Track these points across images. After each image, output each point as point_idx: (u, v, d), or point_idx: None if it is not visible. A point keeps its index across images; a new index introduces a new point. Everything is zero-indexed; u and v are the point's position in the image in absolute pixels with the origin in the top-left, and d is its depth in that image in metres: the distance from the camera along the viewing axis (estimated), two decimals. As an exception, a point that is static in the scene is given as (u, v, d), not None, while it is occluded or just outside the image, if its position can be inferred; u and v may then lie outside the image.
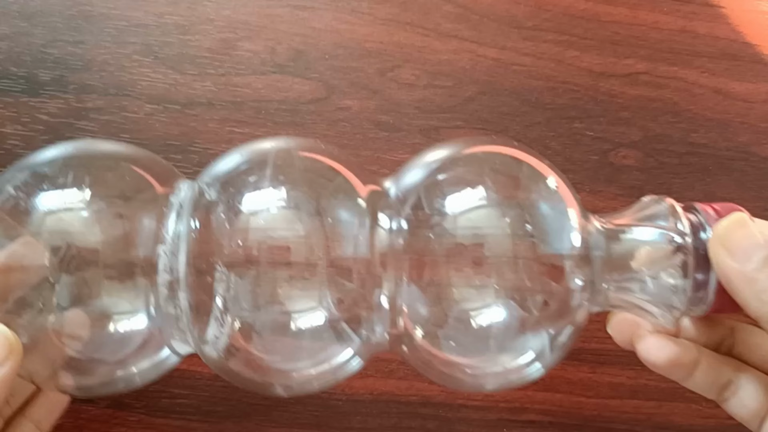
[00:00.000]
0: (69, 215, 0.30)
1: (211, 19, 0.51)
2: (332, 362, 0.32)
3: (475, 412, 0.48)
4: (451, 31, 0.53)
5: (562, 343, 0.31)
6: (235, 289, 0.30)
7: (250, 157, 0.32)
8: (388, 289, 0.30)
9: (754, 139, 0.54)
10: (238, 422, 0.46)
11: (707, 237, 0.29)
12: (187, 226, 0.30)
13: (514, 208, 0.30)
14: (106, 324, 0.30)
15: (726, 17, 0.55)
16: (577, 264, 0.30)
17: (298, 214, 0.30)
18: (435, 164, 0.32)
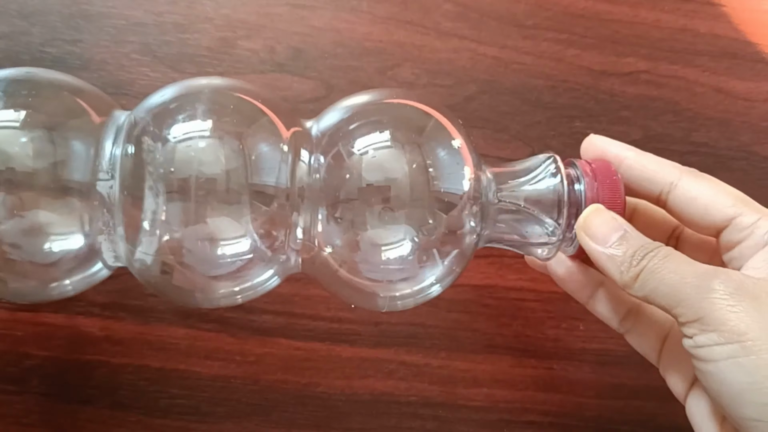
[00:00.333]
0: (4, 135, 0.32)
1: (210, 17, 0.51)
2: (252, 279, 0.35)
3: (475, 413, 0.48)
4: (451, 30, 0.53)
5: (452, 269, 0.36)
6: (164, 210, 0.33)
7: (183, 92, 0.35)
8: (305, 217, 0.34)
9: (755, 139, 0.53)
10: (238, 423, 0.46)
11: (580, 188, 0.35)
12: (123, 152, 0.33)
13: (416, 151, 0.35)
14: (41, 237, 0.33)
15: (727, 16, 0.55)
16: (468, 203, 0.34)
17: (223, 144, 0.34)
18: (352, 109, 0.36)
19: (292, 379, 0.46)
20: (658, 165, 0.37)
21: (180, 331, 0.46)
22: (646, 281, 0.32)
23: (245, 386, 0.46)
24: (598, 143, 0.37)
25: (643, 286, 0.32)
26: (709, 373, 0.30)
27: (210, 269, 0.35)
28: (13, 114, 0.32)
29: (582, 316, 0.49)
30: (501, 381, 0.48)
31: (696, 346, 0.30)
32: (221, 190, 0.33)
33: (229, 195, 0.33)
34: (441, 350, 0.48)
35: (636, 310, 0.38)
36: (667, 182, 0.36)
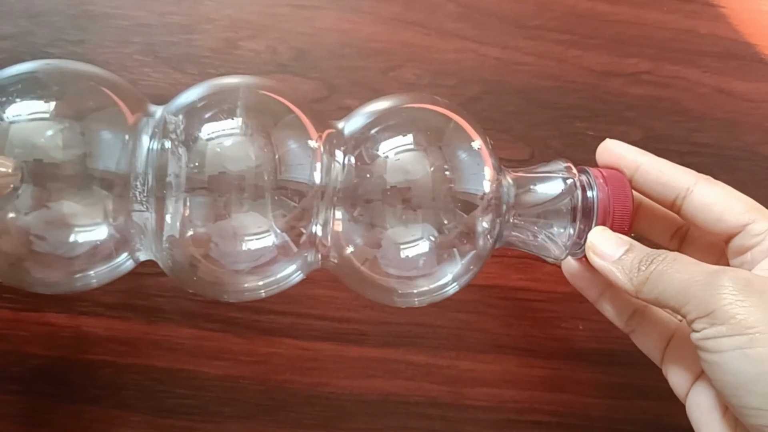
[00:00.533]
0: (35, 126, 0.32)
1: (213, 18, 0.51)
2: (277, 273, 0.36)
3: (481, 413, 0.47)
4: (455, 31, 0.53)
5: (469, 267, 0.37)
6: (194, 205, 0.33)
7: (216, 90, 0.36)
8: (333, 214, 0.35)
9: (758, 139, 0.54)
10: (244, 423, 0.45)
11: (592, 195, 0.36)
12: (157, 146, 0.34)
13: (437, 154, 0.36)
14: (67, 229, 0.33)
15: (729, 17, 0.55)
16: (486, 205, 0.36)
17: (254, 141, 0.34)
18: (377, 113, 0.37)
19: (298, 379, 0.46)
20: (674, 170, 0.38)
21: (186, 331, 0.46)
22: (656, 284, 0.33)
23: (252, 386, 0.46)
24: (614, 148, 0.39)
25: (652, 288, 0.33)
26: (716, 364, 0.31)
27: (238, 263, 0.35)
28: (42, 105, 0.32)
29: (586, 316, 0.49)
30: (508, 381, 0.48)
31: (704, 338, 0.31)
32: (251, 186, 0.34)
33: (260, 191, 0.34)
34: (448, 350, 0.48)
35: (641, 311, 0.40)
36: (683, 187, 0.37)
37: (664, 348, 0.39)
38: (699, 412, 0.36)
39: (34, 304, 0.44)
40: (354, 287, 0.38)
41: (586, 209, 0.37)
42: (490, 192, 0.36)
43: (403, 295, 0.38)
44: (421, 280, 0.37)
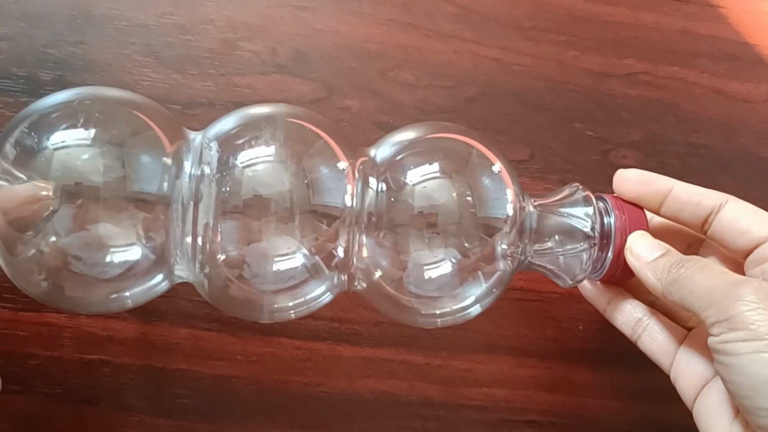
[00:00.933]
0: (77, 152, 0.33)
1: (212, 19, 0.51)
2: (308, 294, 0.38)
3: (475, 413, 0.48)
4: (452, 32, 0.53)
5: (492, 291, 0.39)
6: (230, 228, 0.35)
7: (250, 118, 0.38)
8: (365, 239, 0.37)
9: (755, 140, 0.54)
10: (240, 423, 0.46)
11: (609, 222, 0.39)
12: (196, 172, 0.35)
13: (460, 181, 0.38)
14: (104, 250, 0.34)
15: (727, 18, 0.55)
16: (508, 229, 0.38)
17: (287, 167, 0.36)
18: (406, 143, 0.39)
19: (293, 379, 0.47)
20: (705, 191, 0.40)
21: (183, 331, 0.46)
22: (683, 285, 0.35)
23: (247, 386, 0.46)
24: (638, 176, 0.41)
25: (679, 289, 0.36)
26: (732, 366, 0.33)
27: (271, 284, 0.37)
28: (82, 132, 0.34)
29: (582, 316, 0.49)
30: (501, 381, 0.48)
31: (722, 342, 0.33)
32: (283, 209, 0.35)
33: (292, 215, 0.35)
34: (442, 350, 0.48)
35: (649, 318, 0.42)
36: (714, 206, 0.39)
37: (673, 354, 0.40)
38: (708, 415, 0.38)
39: (34, 305, 0.44)
40: (379, 307, 0.40)
41: (603, 235, 0.39)
42: (512, 216, 0.38)
43: (426, 316, 0.39)
44: (444, 301, 0.39)
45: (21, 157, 0.34)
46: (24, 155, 0.34)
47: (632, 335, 0.42)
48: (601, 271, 0.40)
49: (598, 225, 0.39)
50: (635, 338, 0.42)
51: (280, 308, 0.38)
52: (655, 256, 0.38)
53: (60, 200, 0.33)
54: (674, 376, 0.40)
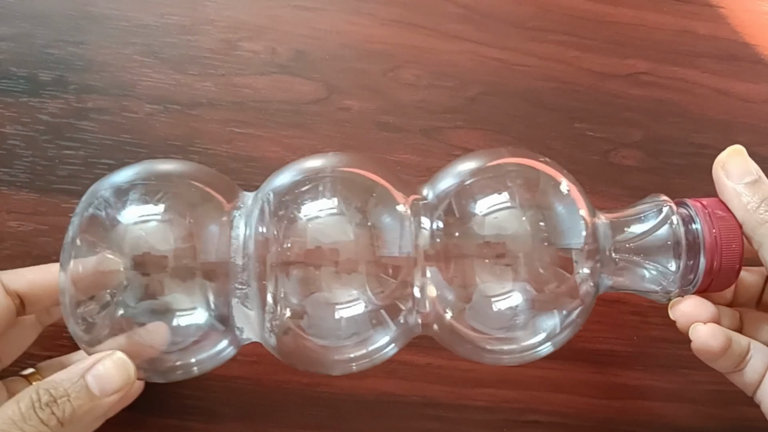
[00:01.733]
0: (142, 226, 0.35)
1: (213, 19, 0.51)
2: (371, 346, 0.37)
3: (478, 413, 0.48)
4: (454, 32, 0.53)
5: (573, 322, 0.37)
6: (294, 286, 0.35)
7: (304, 173, 0.37)
8: (429, 281, 0.36)
9: (755, 140, 0.54)
10: (242, 423, 0.46)
11: (696, 227, 0.36)
12: (255, 232, 0.35)
13: (531, 210, 0.36)
14: (174, 318, 0.35)
15: (727, 17, 0.55)
16: (585, 255, 0.36)
17: (347, 220, 0.36)
18: (465, 174, 0.38)
19: (295, 380, 0.46)
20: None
21: (184, 331, 0.46)
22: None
23: (250, 387, 0.46)
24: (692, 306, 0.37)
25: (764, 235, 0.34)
26: None
27: (341, 338, 0.36)
28: (149, 207, 0.35)
29: (585, 316, 0.49)
30: (505, 381, 0.48)
31: None
32: (348, 261, 0.35)
33: (355, 265, 0.35)
34: (444, 350, 0.47)
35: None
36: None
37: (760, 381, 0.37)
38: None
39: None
40: (450, 347, 0.39)
41: (690, 243, 0.36)
42: (587, 240, 0.36)
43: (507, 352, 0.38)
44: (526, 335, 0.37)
45: (94, 232, 0.35)
46: (97, 231, 0.35)
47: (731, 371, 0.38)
48: (695, 282, 0.36)
49: (682, 232, 0.36)
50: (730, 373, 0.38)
51: (349, 359, 0.37)
52: (747, 180, 0.36)
53: (131, 271, 0.34)
54: (759, 399, 0.37)
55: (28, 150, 0.47)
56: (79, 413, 0.33)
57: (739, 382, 0.38)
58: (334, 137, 0.50)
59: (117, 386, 0.34)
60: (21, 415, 0.32)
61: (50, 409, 0.32)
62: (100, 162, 0.48)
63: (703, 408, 0.49)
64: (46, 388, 0.33)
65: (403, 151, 0.51)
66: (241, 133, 0.49)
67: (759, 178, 0.36)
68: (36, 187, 0.47)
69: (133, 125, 0.49)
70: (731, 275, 0.36)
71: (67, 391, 0.33)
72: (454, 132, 0.51)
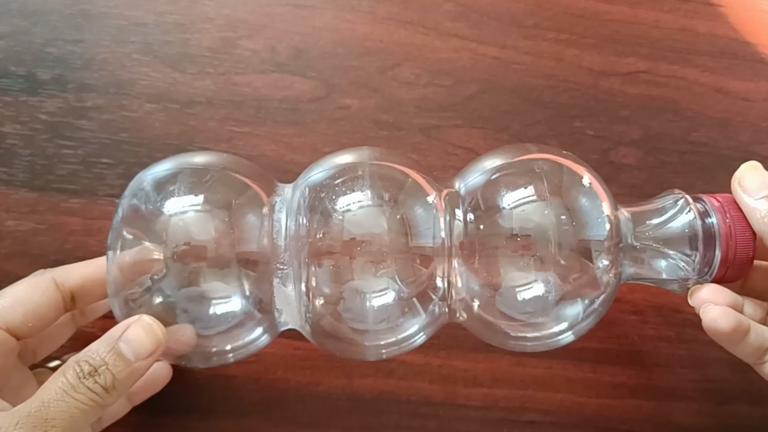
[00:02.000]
0: (186, 216, 0.36)
1: (211, 17, 0.51)
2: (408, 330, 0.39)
3: (475, 412, 0.48)
4: (452, 30, 0.53)
5: (595, 310, 0.39)
6: (331, 273, 0.37)
7: (341, 166, 0.39)
8: (459, 271, 0.37)
9: (754, 138, 0.53)
10: (238, 421, 0.46)
11: (711, 221, 0.38)
12: (295, 223, 0.37)
13: (556, 203, 0.37)
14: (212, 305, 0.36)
15: (726, 16, 0.55)
16: (608, 246, 0.37)
17: (383, 210, 0.37)
18: (494, 169, 0.39)
19: (292, 378, 0.47)
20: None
21: (181, 330, 0.46)
22: None
23: (246, 385, 0.46)
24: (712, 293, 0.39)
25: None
26: None
27: (375, 323, 0.38)
28: (192, 198, 0.37)
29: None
30: (501, 380, 0.48)
31: None
32: (381, 251, 0.36)
33: (389, 255, 0.36)
34: (441, 349, 0.48)
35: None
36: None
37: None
38: None
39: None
40: (478, 334, 0.40)
41: (707, 236, 0.38)
42: (609, 232, 0.38)
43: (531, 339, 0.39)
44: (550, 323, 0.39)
45: (137, 222, 0.36)
46: (139, 221, 0.36)
47: (755, 362, 0.39)
48: (711, 273, 0.39)
49: (699, 225, 0.38)
50: (757, 365, 0.39)
51: (380, 346, 0.39)
52: (763, 194, 0.37)
53: (171, 260, 0.35)
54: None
55: (26, 149, 0.47)
56: (120, 378, 0.34)
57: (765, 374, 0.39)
58: (333, 136, 0.50)
59: (149, 349, 0.35)
60: (71, 385, 0.33)
61: (93, 379, 0.33)
62: (99, 161, 0.48)
63: (699, 406, 0.49)
64: (85, 359, 0.34)
65: (402, 149, 0.51)
66: (239, 131, 0.49)
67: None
68: (34, 186, 0.47)
69: (132, 124, 0.49)
70: (746, 265, 0.38)
71: (104, 360, 0.34)
72: (452, 130, 0.51)
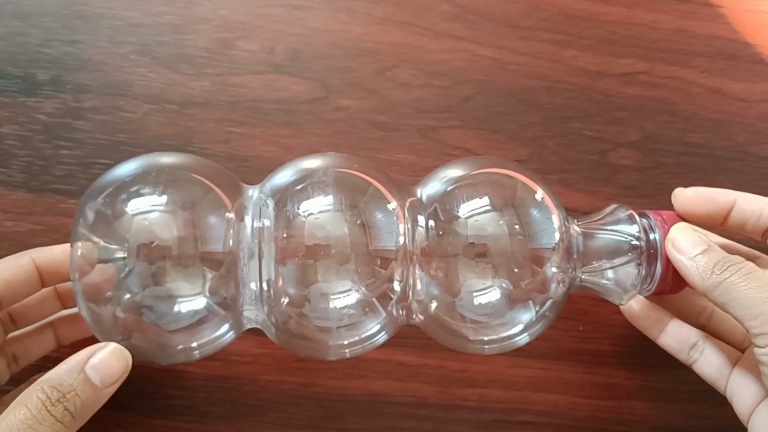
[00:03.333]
0: (150, 216, 0.37)
1: (208, 18, 0.51)
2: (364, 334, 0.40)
3: (470, 413, 0.48)
4: (448, 31, 0.53)
5: (545, 316, 0.40)
6: (294, 275, 0.38)
7: (304, 171, 0.40)
8: (417, 275, 0.39)
9: (751, 139, 0.53)
10: (233, 423, 0.46)
11: (654, 237, 0.40)
12: (259, 225, 0.38)
13: (509, 213, 0.39)
14: (177, 303, 0.37)
15: (724, 17, 0.55)
16: (557, 255, 0.39)
17: (344, 215, 0.38)
18: (453, 179, 0.41)
19: (288, 380, 0.47)
20: (766, 200, 0.40)
21: (177, 331, 0.46)
22: (728, 292, 0.36)
23: (241, 386, 0.46)
24: (697, 195, 0.41)
25: (723, 294, 0.36)
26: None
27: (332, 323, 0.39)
28: (157, 198, 0.37)
29: (579, 317, 0.49)
30: (496, 381, 0.48)
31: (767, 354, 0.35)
32: (342, 254, 0.38)
33: (349, 258, 0.38)
34: (436, 350, 0.48)
35: (702, 342, 0.43)
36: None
37: (728, 375, 0.41)
38: (765, 427, 0.39)
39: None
40: (436, 337, 0.42)
41: (650, 251, 0.40)
42: (558, 242, 0.39)
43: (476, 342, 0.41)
44: (497, 327, 0.40)
45: (100, 223, 0.37)
46: (103, 221, 0.37)
47: (688, 360, 0.43)
48: (652, 286, 0.41)
49: (644, 240, 0.40)
50: (691, 362, 0.43)
51: (343, 345, 0.40)
52: (697, 252, 0.38)
53: (136, 260, 0.36)
54: (730, 396, 0.41)
55: (24, 150, 0.47)
56: (87, 405, 0.34)
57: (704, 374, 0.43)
58: (329, 137, 0.50)
59: (117, 375, 0.36)
60: (34, 416, 0.33)
61: (62, 405, 0.33)
62: (97, 162, 0.48)
63: (694, 408, 0.49)
64: (52, 386, 0.34)
65: (399, 150, 0.51)
66: (236, 132, 0.50)
67: (708, 246, 0.38)
68: (32, 187, 0.47)
69: (129, 125, 0.49)
70: (684, 281, 0.40)
71: (72, 386, 0.34)
72: (449, 131, 0.51)
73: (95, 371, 0.35)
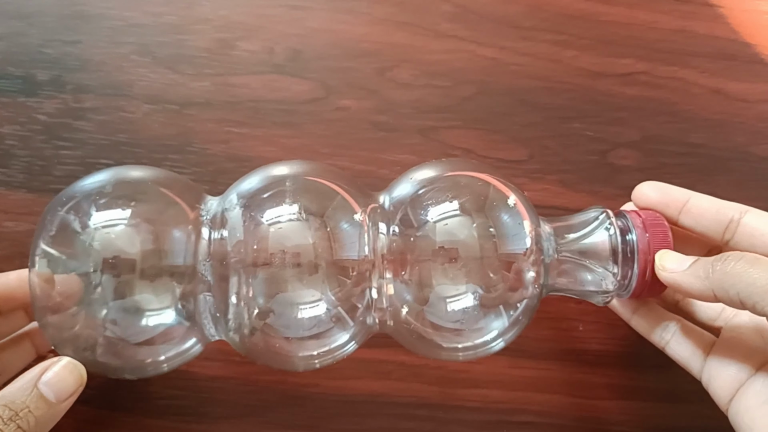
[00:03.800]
0: (112, 230, 0.37)
1: (208, 18, 0.51)
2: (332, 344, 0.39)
3: (470, 414, 0.48)
4: (449, 31, 0.53)
5: (518, 320, 0.40)
6: (256, 287, 0.37)
7: (267, 180, 0.40)
8: (385, 283, 0.38)
9: (752, 139, 0.53)
10: (234, 423, 0.46)
11: (631, 238, 0.39)
12: (218, 236, 0.38)
13: (481, 218, 0.39)
14: (141, 316, 0.37)
15: (725, 17, 0.55)
16: (530, 259, 0.39)
17: (308, 224, 0.38)
18: (419, 183, 0.40)
19: (288, 380, 0.47)
20: (722, 201, 0.40)
21: (177, 331, 0.46)
22: (739, 278, 0.34)
23: (242, 387, 0.46)
24: (656, 188, 0.42)
25: (734, 283, 0.35)
26: None
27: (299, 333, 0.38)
28: (118, 212, 0.37)
29: (579, 316, 0.49)
30: (497, 381, 0.48)
31: None
32: (308, 263, 0.37)
33: (315, 267, 0.37)
34: (437, 351, 0.48)
35: (675, 323, 0.43)
36: (733, 216, 0.39)
37: (703, 357, 0.41)
38: (750, 415, 0.38)
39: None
40: (406, 344, 0.41)
41: (626, 252, 0.40)
42: (530, 246, 0.39)
43: (449, 350, 0.40)
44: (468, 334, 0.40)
45: (62, 237, 0.36)
46: (65, 236, 0.36)
47: (660, 342, 0.43)
48: (629, 289, 0.40)
49: (620, 242, 0.40)
50: (663, 344, 0.43)
51: (310, 356, 0.39)
52: (689, 263, 0.37)
53: (99, 274, 0.35)
54: (706, 380, 0.41)
55: (24, 150, 0.47)
56: (42, 422, 0.34)
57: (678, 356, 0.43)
58: (330, 137, 0.50)
59: (72, 389, 0.35)
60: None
61: (15, 424, 0.33)
62: (97, 162, 0.48)
63: (696, 408, 0.49)
64: (3, 404, 0.33)
65: (400, 150, 0.51)
66: (237, 132, 0.50)
67: (696, 259, 0.37)
68: (32, 187, 0.47)
69: (129, 125, 0.49)
70: (663, 284, 0.39)
71: (25, 403, 0.33)
72: (449, 131, 0.51)
73: (48, 387, 0.34)
